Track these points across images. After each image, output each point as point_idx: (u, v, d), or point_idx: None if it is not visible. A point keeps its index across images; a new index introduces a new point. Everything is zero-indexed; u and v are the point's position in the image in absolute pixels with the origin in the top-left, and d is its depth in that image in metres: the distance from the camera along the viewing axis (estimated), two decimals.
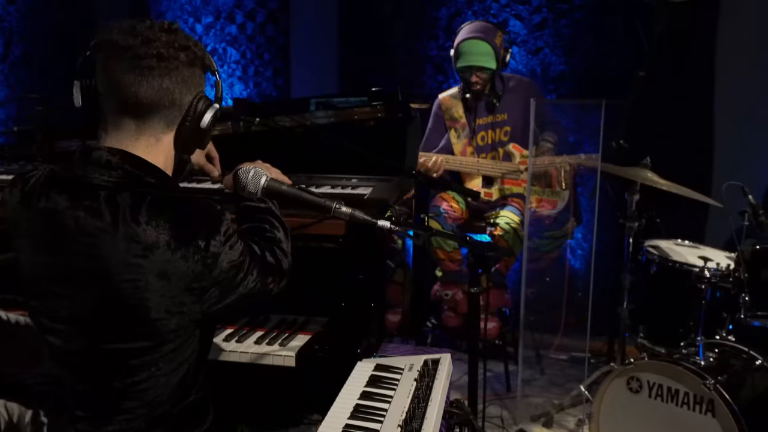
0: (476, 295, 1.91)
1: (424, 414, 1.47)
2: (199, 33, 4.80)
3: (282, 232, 1.69)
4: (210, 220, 1.44)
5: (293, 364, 1.88)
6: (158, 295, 1.38)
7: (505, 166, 3.65)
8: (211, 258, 1.41)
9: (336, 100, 2.59)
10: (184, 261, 1.38)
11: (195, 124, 1.50)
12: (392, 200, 2.14)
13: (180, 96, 1.46)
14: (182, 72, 1.45)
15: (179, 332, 1.44)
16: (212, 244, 1.41)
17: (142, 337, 1.42)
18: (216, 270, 1.42)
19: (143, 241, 1.36)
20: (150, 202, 1.40)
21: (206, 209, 1.46)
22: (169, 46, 1.42)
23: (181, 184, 2.18)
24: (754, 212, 2.60)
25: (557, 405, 3.30)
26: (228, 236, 1.45)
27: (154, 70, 1.41)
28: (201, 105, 1.49)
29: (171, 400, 1.48)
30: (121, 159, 1.42)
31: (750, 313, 2.56)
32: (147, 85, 1.41)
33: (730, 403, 2.31)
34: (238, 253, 1.47)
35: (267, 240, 1.64)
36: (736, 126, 3.89)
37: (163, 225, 1.38)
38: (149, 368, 1.44)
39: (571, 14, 4.13)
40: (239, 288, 1.49)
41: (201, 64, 1.49)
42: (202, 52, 1.49)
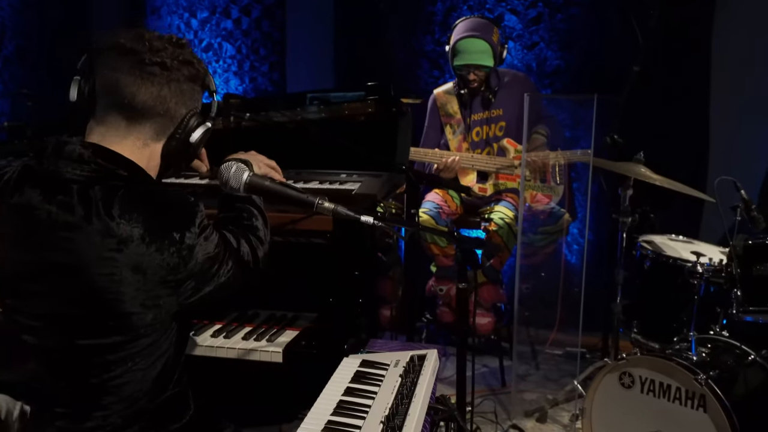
0: (464, 291, 1.90)
1: (407, 410, 1.46)
2: (194, 28, 4.79)
3: (261, 221, 1.69)
4: (184, 213, 1.44)
5: (280, 360, 1.87)
6: (133, 288, 1.38)
7: (499, 162, 3.64)
8: (186, 250, 1.41)
9: (327, 95, 2.58)
10: (159, 254, 1.38)
11: (184, 138, 1.51)
12: (381, 196, 2.13)
13: (175, 107, 1.47)
14: (182, 85, 1.47)
15: (155, 326, 1.44)
16: (187, 237, 1.41)
17: (118, 331, 1.41)
18: (191, 262, 1.43)
19: (117, 235, 1.36)
20: (123, 195, 1.40)
21: (180, 201, 1.46)
22: (174, 58, 1.45)
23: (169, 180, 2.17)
24: (746, 207, 2.58)
25: (551, 400, 3.30)
26: (203, 228, 1.45)
27: (156, 77, 1.43)
28: (193, 121, 1.51)
29: (148, 396, 1.48)
30: (94, 153, 1.42)
31: (742, 309, 2.55)
32: (145, 90, 1.42)
33: (721, 399, 2.31)
34: (213, 245, 1.47)
35: (243, 228, 1.64)
36: (731, 121, 3.87)
37: (137, 218, 1.38)
38: (126, 363, 1.43)
39: (566, 9, 4.12)
40: (214, 279, 1.49)
41: (201, 82, 1.52)
42: (204, 72, 1.52)
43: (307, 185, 2.20)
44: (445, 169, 3.51)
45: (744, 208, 2.59)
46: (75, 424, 1.46)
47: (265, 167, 1.95)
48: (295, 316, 2.11)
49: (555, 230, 3.58)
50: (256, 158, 1.93)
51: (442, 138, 3.73)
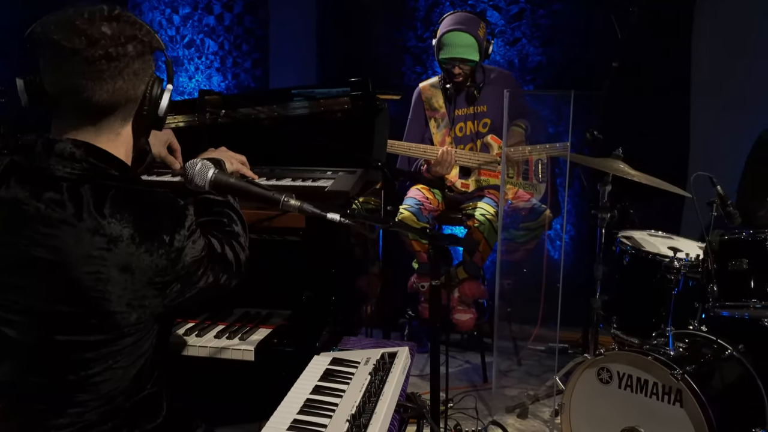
0: (438, 287, 1.90)
1: (374, 408, 1.46)
2: (176, 24, 4.76)
3: (240, 226, 1.68)
4: (174, 215, 1.44)
5: (252, 358, 1.86)
6: (120, 288, 1.37)
7: (482, 158, 3.64)
8: (175, 252, 1.40)
9: (306, 91, 2.57)
10: (148, 255, 1.38)
11: (152, 111, 1.50)
12: (354, 193, 2.12)
13: (134, 90, 1.44)
14: (133, 66, 1.42)
15: (139, 326, 1.43)
16: (176, 239, 1.41)
17: (101, 330, 1.40)
18: (179, 264, 1.42)
19: (107, 234, 1.35)
20: (114, 195, 1.39)
21: (171, 203, 1.45)
22: (116, 43, 1.38)
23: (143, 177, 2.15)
24: (722, 203, 2.59)
25: (532, 396, 3.30)
26: (192, 231, 1.45)
27: (105, 72, 1.38)
28: (156, 90, 1.48)
29: (125, 394, 1.47)
30: (86, 151, 1.41)
31: (718, 304, 2.55)
32: (100, 90, 1.39)
33: (697, 393, 2.31)
34: (201, 248, 1.47)
35: (225, 234, 1.63)
36: (711, 117, 3.89)
37: (128, 218, 1.37)
38: (106, 361, 1.42)
39: (548, 5, 4.12)
40: (200, 283, 1.49)
41: (150, 49, 1.46)
42: (149, 37, 1.45)
43: (280, 182, 2.19)
44: (440, 164, 3.49)
45: (720, 203, 2.59)
46: (47, 419, 1.45)
47: (236, 164, 1.94)
48: (269, 314, 2.10)
49: (536, 226, 3.58)
50: (227, 155, 1.92)
51: (426, 132, 3.72)
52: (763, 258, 2.48)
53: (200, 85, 4.76)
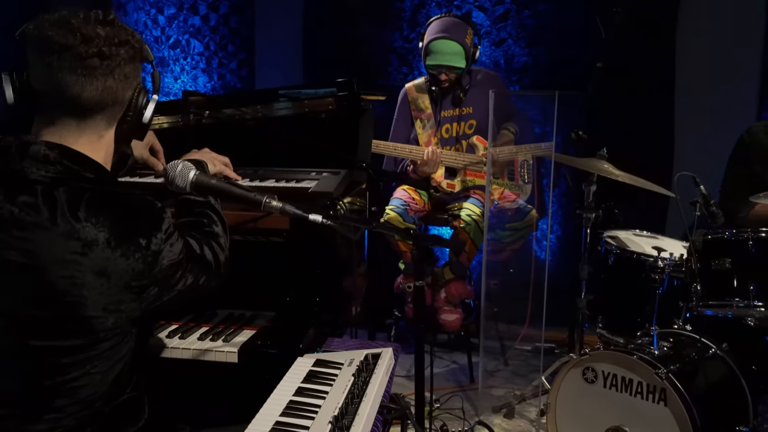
0: (421, 288, 1.89)
1: (357, 410, 1.46)
2: (161, 24, 4.74)
3: (220, 227, 1.68)
4: (151, 218, 1.43)
5: (235, 360, 1.85)
6: (96, 292, 1.36)
7: (468, 158, 3.64)
8: (151, 256, 1.40)
9: (290, 92, 2.56)
10: (124, 259, 1.37)
11: (137, 118, 1.50)
12: (338, 194, 2.11)
13: (122, 93, 1.45)
14: (124, 69, 1.43)
15: (116, 330, 1.42)
16: (153, 242, 1.40)
17: (77, 334, 1.39)
18: (156, 268, 1.41)
19: (82, 238, 1.34)
20: (89, 198, 1.38)
21: (147, 206, 1.44)
22: (109, 43, 1.39)
23: (124, 179, 2.14)
24: (705, 202, 2.60)
25: (519, 396, 3.31)
26: (169, 234, 1.44)
27: (97, 69, 1.38)
28: (141, 99, 1.49)
29: (104, 399, 1.46)
30: (60, 154, 1.40)
31: (702, 303, 2.57)
32: (90, 86, 1.39)
33: (681, 392, 2.33)
34: (178, 251, 1.46)
35: (205, 235, 1.63)
36: (695, 117, 3.92)
37: (103, 222, 1.36)
38: (84, 366, 1.41)
39: (533, 5, 4.13)
40: (178, 285, 1.49)
41: (140, 57, 1.48)
42: (140, 45, 1.47)
43: (263, 183, 2.18)
44: (428, 163, 3.50)
45: (703, 203, 2.60)
46: (24, 425, 1.44)
47: (219, 165, 1.94)
48: (254, 315, 2.09)
49: (522, 226, 3.59)
50: (210, 156, 1.92)
51: (412, 132, 3.73)
52: (746, 257, 2.50)
53: (186, 86, 4.74)
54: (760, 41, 3.82)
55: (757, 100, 3.85)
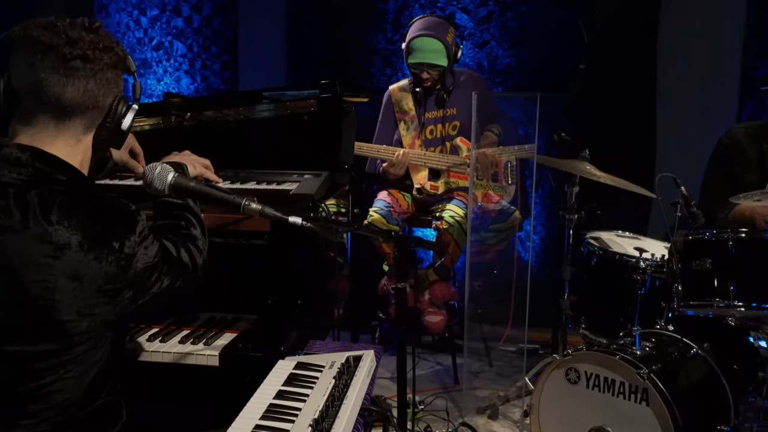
0: (403, 290, 1.89)
1: (337, 412, 1.45)
2: (144, 26, 4.72)
3: (198, 230, 1.67)
4: (124, 220, 1.42)
5: (217, 363, 1.84)
6: (69, 296, 1.35)
7: (451, 160, 3.65)
8: (125, 259, 1.39)
9: (273, 93, 2.55)
10: (98, 262, 1.36)
11: (115, 126, 1.50)
12: (319, 196, 2.11)
13: (102, 98, 1.45)
14: (106, 74, 1.43)
15: (90, 334, 1.41)
16: (127, 245, 1.39)
17: (50, 339, 1.38)
18: (130, 271, 1.40)
19: (54, 241, 1.33)
20: (62, 201, 1.37)
21: (121, 208, 1.43)
22: (94, 48, 1.40)
23: (103, 181, 2.13)
24: (686, 203, 2.62)
25: (503, 397, 3.31)
26: (143, 237, 1.43)
27: (80, 71, 1.38)
28: (121, 107, 1.49)
29: (78, 404, 1.45)
30: (32, 156, 1.39)
31: (683, 303, 2.58)
32: (71, 87, 1.38)
33: (663, 392, 2.34)
34: (153, 254, 1.45)
35: (182, 237, 1.62)
36: (678, 118, 3.94)
37: (76, 225, 1.35)
38: (57, 371, 1.40)
39: (516, 7, 4.15)
40: (153, 288, 1.47)
41: (123, 65, 1.48)
42: (123, 54, 1.48)
43: (244, 185, 2.17)
44: (396, 165, 3.51)
45: (684, 204, 2.62)
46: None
47: (200, 167, 1.93)
48: (235, 318, 2.08)
49: (506, 227, 3.60)
50: (190, 158, 1.91)
51: (396, 134, 3.73)
52: (726, 258, 2.51)
53: (169, 87, 4.72)
54: (739, 44, 3.85)
55: (737, 101, 3.88)
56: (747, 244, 2.53)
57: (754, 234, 2.58)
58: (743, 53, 3.87)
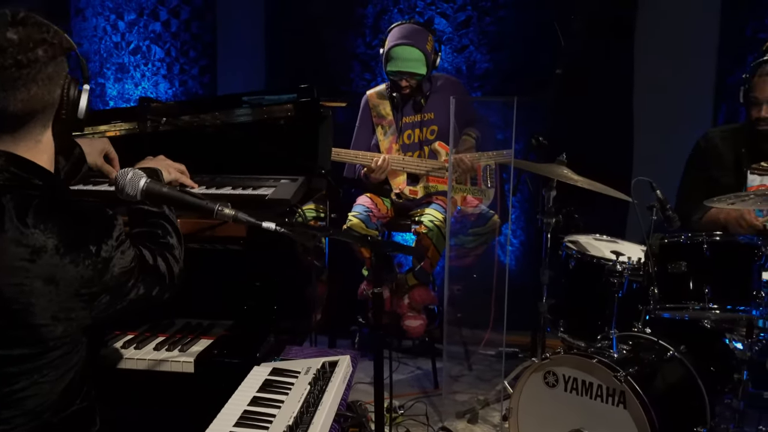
0: (380, 294, 1.89)
1: (312, 419, 1.44)
2: (121, 30, 4.68)
3: (175, 238, 1.66)
4: (101, 224, 1.41)
5: (192, 370, 1.83)
6: (45, 300, 1.34)
7: (430, 164, 3.65)
8: (102, 263, 1.38)
9: (251, 98, 2.54)
10: (74, 266, 1.35)
11: (72, 114, 1.45)
12: (295, 200, 2.10)
13: (50, 95, 1.40)
14: (46, 71, 1.37)
15: (65, 339, 1.40)
16: (103, 249, 1.38)
17: (25, 343, 1.36)
18: (107, 276, 1.39)
19: (30, 245, 1.32)
20: (38, 204, 1.35)
21: (97, 213, 1.42)
22: (25, 49, 1.32)
23: (77, 186, 2.11)
24: (662, 207, 2.64)
25: (482, 401, 3.32)
26: (120, 241, 1.42)
27: (18, 80, 1.33)
28: (73, 92, 1.44)
29: (52, 409, 1.43)
30: (7, 161, 1.37)
31: (659, 306, 2.60)
32: (14, 99, 1.34)
33: (640, 395, 2.35)
34: (130, 259, 1.44)
35: (160, 246, 1.61)
36: (654, 122, 3.98)
37: (52, 228, 1.34)
38: (32, 376, 1.38)
39: (495, 12, 4.17)
40: (130, 294, 1.47)
41: (61, 50, 1.41)
42: (58, 39, 1.39)
43: (220, 191, 2.16)
44: (376, 171, 3.51)
45: (660, 207, 2.64)
46: None
47: (174, 173, 1.92)
48: (211, 324, 2.06)
49: (485, 231, 3.61)
50: (165, 163, 1.90)
51: (373, 139, 3.73)
52: (701, 260, 2.53)
53: (147, 92, 4.69)
54: (714, 49, 3.90)
55: (711, 106, 3.93)
56: (721, 247, 2.55)
57: (728, 237, 2.61)
58: (718, 59, 3.91)
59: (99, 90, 4.72)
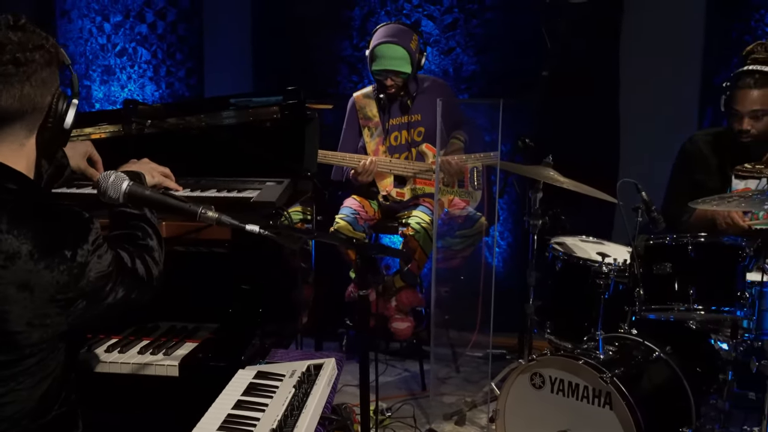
0: (365, 297, 1.89)
1: (296, 422, 1.44)
2: (107, 32, 4.66)
3: (155, 241, 1.65)
4: (77, 229, 1.39)
5: (176, 373, 1.82)
6: (20, 306, 1.33)
7: (417, 166, 3.66)
8: (77, 268, 1.36)
9: (238, 100, 2.54)
10: (49, 271, 1.33)
11: (58, 124, 1.46)
12: (281, 203, 2.10)
13: (41, 99, 1.41)
14: (41, 74, 1.39)
15: (42, 345, 1.39)
16: (79, 254, 1.37)
17: (0, 350, 1.35)
18: (83, 281, 1.38)
19: (4, 251, 1.31)
20: (12, 209, 1.34)
21: (73, 217, 1.41)
22: (23, 49, 1.36)
23: (61, 190, 2.10)
24: (647, 208, 2.65)
25: (470, 402, 3.32)
26: (97, 245, 1.41)
27: (13, 77, 1.35)
28: (61, 104, 1.46)
29: (31, 416, 1.42)
30: None
31: (645, 307, 2.61)
32: (7, 94, 1.35)
33: (626, 396, 2.36)
34: (107, 263, 1.43)
35: (138, 248, 1.59)
36: (641, 124, 4.00)
37: (26, 233, 1.32)
38: (8, 383, 1.37)
39: (481, 14, 4.17)
40: (108, 299, 1.45)
41: (56, 61, 1.44)
42: (55, 49, 1.43)
43: (205, 193, 2.15)
44: (363, 173, 3.51)
45: (645, 209, 2.65)
46: None
47: (158, 176, 1.91)
48: (196, 328, 2.05)
49: (472, 233, 3.60)
50: (149, 167, 1.89)
51: (360, 141, 3.73)
52: (686, 262, 2.55)
53: (133, 94, 4.67)
54: (699, 50, 3.92)
55: (697, 108, 3.95)
56: (706, 248, 2.57)
57: (712, 238, 2.62)
58: (703, 61, 3.94)
59: (85, 92, 4.69)
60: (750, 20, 3.84)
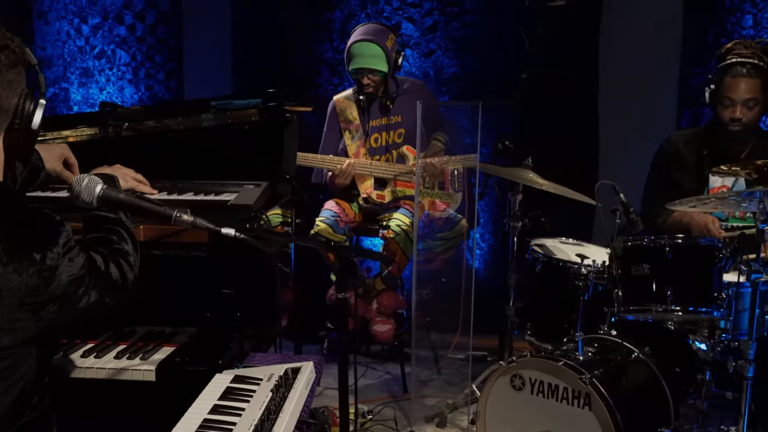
0: (345, 300, 1.88)
1: (273, 426, 1.43)
2: (85, 34, 4.63)
3: (130, 245, 1.63)
4: (47, 231, 1.37)
5: (153, 378, 1.80)
6: None
7: (397, 168, 3.66)
8: (47, 271, 1.34)
9: (218, 103, 2.52)
10: (17, 275, 1.31)
11: (26, 126, 1.44)
12: (258, 206, 2.09)
13: (7, 101, 1.39)
14: (7, 75, 1.38)
15: (12, 350, 1.36)
16: (49, 257, 1.34)
17: None
18: (53, 284, 1.36)
19: None
20: None
21: (43, 219, 1.39)
22: None
23: (35, 193, 2.07)
24: (625, 210, 2.67)
25: (451, 404, 3.32)
26: (68, 248, 1.38)
27: None
28: (28, 105, 1.43)
29: (4, 421, 1.40)
30: None
31: (623, 308, 2.62)
32: None
33: (605, 397, 2.36)
34: (79, 267, 1.41)
35: (113, 251, 1.58)
36: (619, 126, 4.03)
37: None
38: None
39: (461, 17, 4.19)
40: (80, 303, 1.43)
41: (22, 61, 1.42)
42: (21, 49, 1.41)
43: (182, 197, 2.13)
44: (340, 175, 3.51)
45: (623, 210, 2.67)
46: None
47: (131, 181, 1.89)
48: (174, 332, 2.04)
49: (453, 236, 3.61)
50: (121, 171, 1.87)
51: (341, 144, 3.72)
52: (663, 263, 2.56)
53: (112, 97, 4.63)
54: (677, 52, 3.96)
55: (675, 109, 3.99)
56: (683, 250, 2.58)
57: (689, 240, 2.64)
58: (681, 63, 3.97)
59: (63, 95, 4.65)
60: (726, 23, 3.88)
